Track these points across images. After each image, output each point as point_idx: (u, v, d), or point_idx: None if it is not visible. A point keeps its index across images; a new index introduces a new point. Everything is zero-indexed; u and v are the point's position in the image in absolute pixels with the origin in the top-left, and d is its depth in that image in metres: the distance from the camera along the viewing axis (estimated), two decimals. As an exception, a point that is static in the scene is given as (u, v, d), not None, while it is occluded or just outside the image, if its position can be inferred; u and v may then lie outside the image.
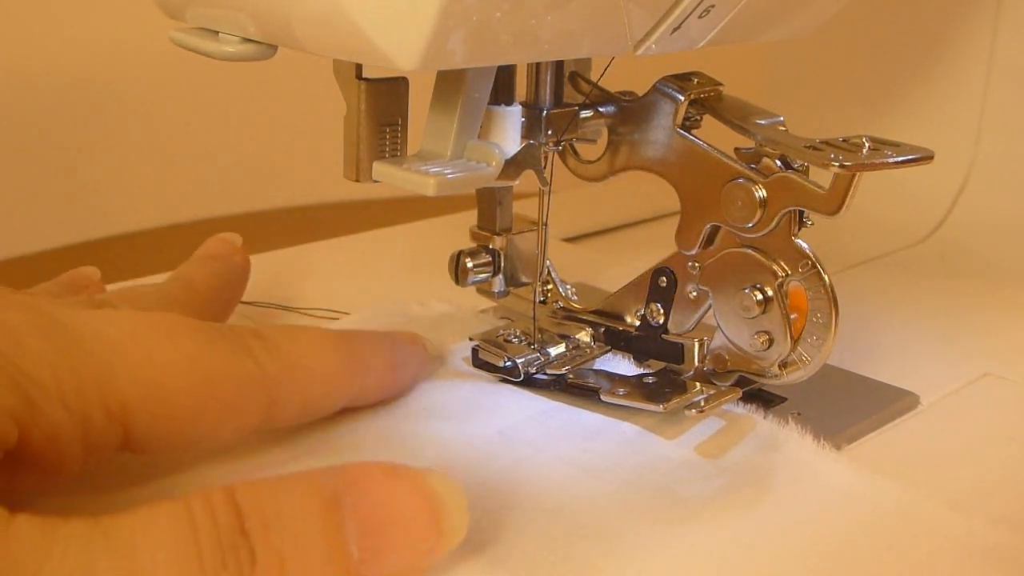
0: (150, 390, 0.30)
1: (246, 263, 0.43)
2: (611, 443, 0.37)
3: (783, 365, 0.38)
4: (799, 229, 0.38)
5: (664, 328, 0.42)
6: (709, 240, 0.40)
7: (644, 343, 0.43)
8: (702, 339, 0.41)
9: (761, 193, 0.38)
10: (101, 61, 0.80)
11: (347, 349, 0.36)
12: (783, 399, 0.41)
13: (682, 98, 0.40)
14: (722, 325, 0.40)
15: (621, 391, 0.39)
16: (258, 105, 0.87)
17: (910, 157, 0.36)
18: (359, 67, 0.36)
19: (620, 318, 0.43)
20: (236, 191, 0.89)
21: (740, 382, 0.40)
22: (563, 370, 0.41)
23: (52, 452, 0.28)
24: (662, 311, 0.42)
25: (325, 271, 0.56)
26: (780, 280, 0.38)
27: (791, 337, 0.38)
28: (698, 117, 0.41)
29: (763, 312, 0.38)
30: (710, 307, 0.41)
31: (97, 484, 0.33)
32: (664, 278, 0.42)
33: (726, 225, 0.39)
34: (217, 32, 0.35)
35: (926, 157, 0.36)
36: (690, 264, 0.41)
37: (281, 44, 0.34)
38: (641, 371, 0.42)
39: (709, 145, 0.40)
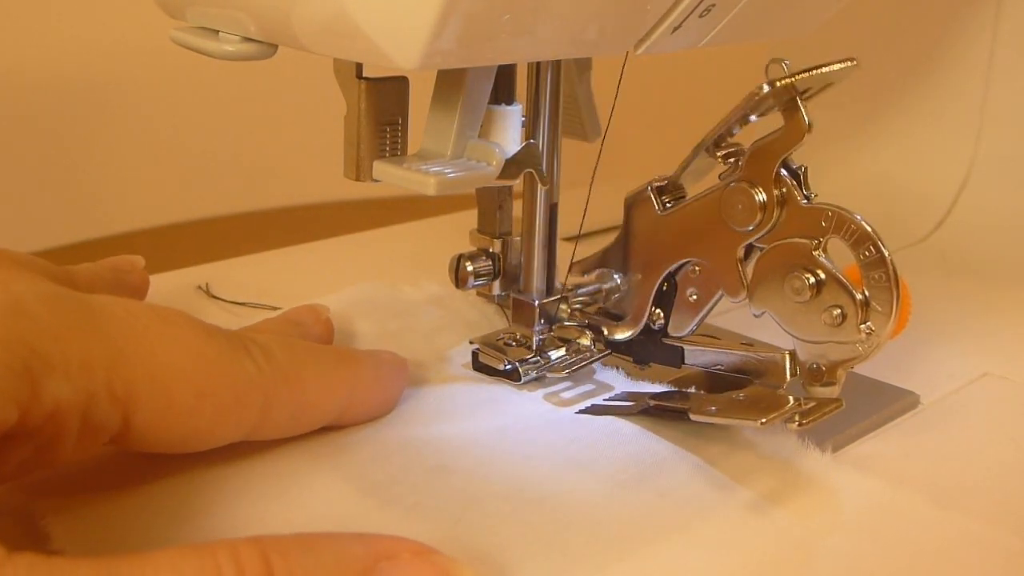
0: (156, 377, 0.30)
1: (327, 335, 0.43)
2: (609, 443, 0.37)
3: (865, 322, 0.36)
4: (806, 198, 0.37)
5: (664, 331, 0.42)
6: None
7: (644, 346, 0.43)
8: (793, 351, 0.39)
9: (761, 197, 0.38)
10: (101, 61, 0.80)
11: (337, 361, 0.36)
12: (783, 399, 0.41)
13: (648, 188, 0.41)
14: (796, 335, 0.38)
15: (712, 408, 0.37)
16: (258, 105, 0.87)
17: (834, 67, 0.37)
18: (359, 66, 0.36)
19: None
20: (236, 191, 0.89)
21: (742, 384, 0.40)
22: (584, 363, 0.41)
23: (50, 427, 0.28)
24: (662, 314, 0.42)
25: (325, 271, 0.56)
26: (815, 244, 0.37)
27: (856, 292, 0.36)
28: (672, 200, 0.41)
29: (818, 293, 0.37)
30: (711, 310, 0.41)
31: (95, 481, 0.33)
32: (664, 282, 0.42)
33: (736, 233, 0.39)
34: (217, 31, 0.35)
35: (848, 59, 0.37)
36: (691, 268, 0.41)
37: (281, 43, 0.34)
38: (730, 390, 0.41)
39: (691, 196, 0.40)
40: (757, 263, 0.39)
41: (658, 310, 0.42)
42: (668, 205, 0.41)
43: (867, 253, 0.36)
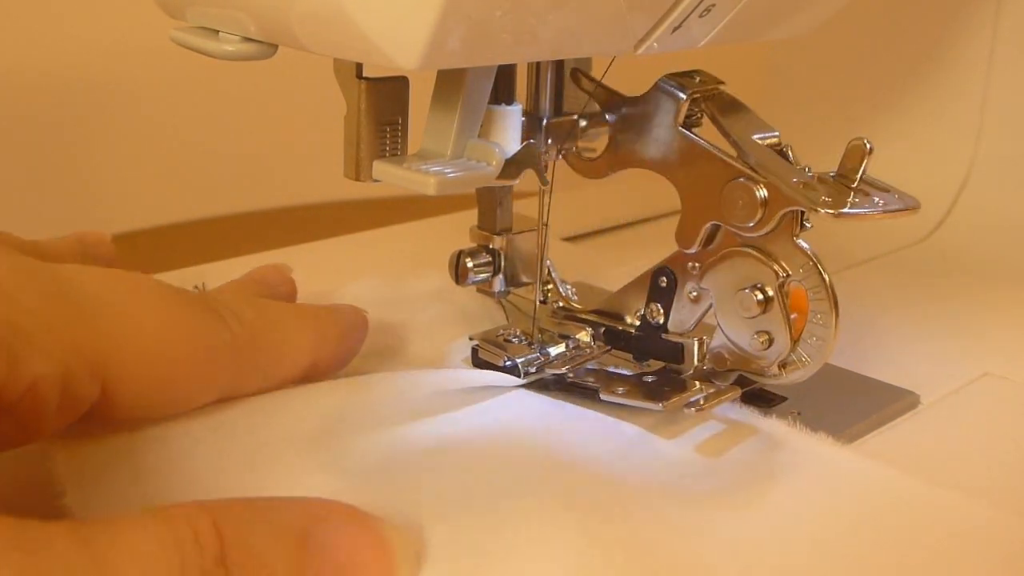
0: (131, 346, 0.30)
1: (292, 293, 0.43)
2: (611, 442, 0.37)
3: (783, 365, 0.38)
4: (800, 230, 0.38)
5: (664, 328, 0.42)
6: (709, 239, 0.40)
7: (644, 343, 0.43)
8: (702, 338, 0.41)
9: (762, 193, 0.38)
10: (101, 61, 0.80)
11: (303, 318, 0.37)
12: (783, 398, 0.41)
13: (684, 96, 0.40)
14: (722, 324, 0.40)
15: (620, 390, 0.39)
16: (258, 105, 0.87)
17: (897, 207, 0.37)
18: (359, 66, 0.36)
19: (620, 318, 0.43)
20: (236, 191, 0.89)
21: (740, 381, 0.40)
22: (563, 369, 0.41)
23: (28, 401, 0.28)
24: (662, 311, 0.42)
25: (325, 271, 0.56)
26: (780, 280, 0.38)
27: (791, 337, 0.38)
28: (699, 116, 0.41)
29: (763, 312, 0.38)
30: (710, 307, 0.41)
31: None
32: (664, 278, 0.42)
33: (727, 224, 0.39)
34: (217, 31, 0.35)
35: (912, 208, 0.37)
36: (690, 264, 0.41)
37: (281, 43, 0.34)
38: (640, 371, 0.42)
39: (710, 143, 0.40)
40: (731, 253, 0.39)
41: (658, 306, 0.42)
42: (689, 120, 0.41)
43: (820, 315, 0.37)
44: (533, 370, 0.41)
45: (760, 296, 0.38)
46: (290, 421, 0.35)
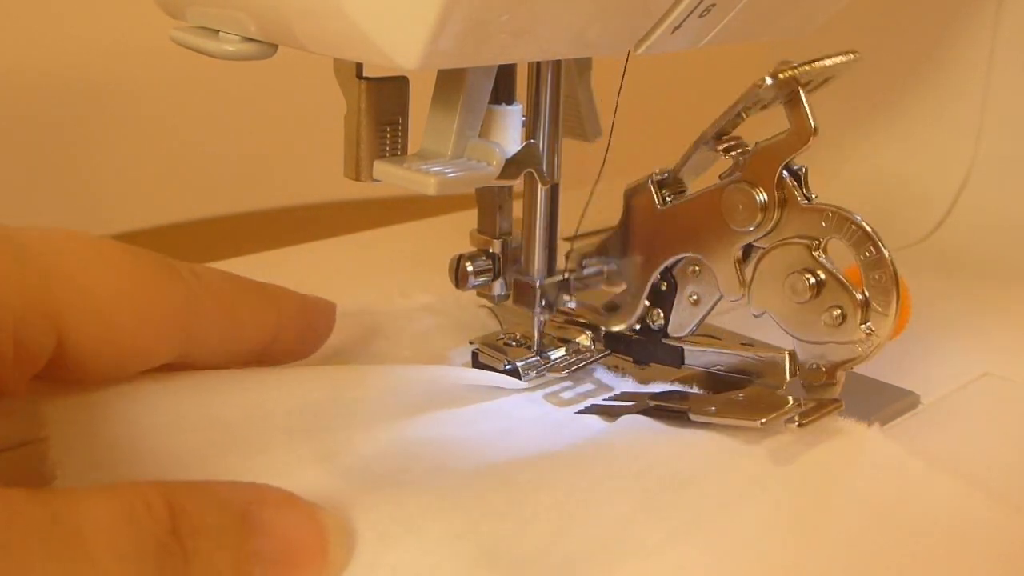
0: (86, 297, 0.31)
1: None
2: (616, 440, 0.37)
3: (868, 331, 0.36)
4: (807, 199, 0.37)
5: (664, 332, 0.42)
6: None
7: (644, 346, 0.43)
8: (792, 351, 0.39)
9: (762, 197, 0.38)
10: (101, 61, 0.80)
11: (264, 288, 0.37)
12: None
13: (648, 183, 0.41)
14: (796, 335, 0.38)
15: (712, 408, 0.37)
16: (258, 105, 0.87)
17: (837, 59, 0.37)
18: (359, 66, 0.36)
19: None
20: (236, 191, 0.89)
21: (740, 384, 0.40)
22: (563, 372, 0.41)
23: None
24: (662, 315, 0.42)
25: (325, 271, 0.56)
26: (814, 245, 0.37)
27: (856, 293, 0.36)
28: (672, 195, 0.41)
29: (816, 291, 0.37)
30: (711, 310, 0.41)
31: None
32: (664, 282, 0.42)
33: (735, 232, 0.39)
34: (217, 31, 0.35)
35: (850, 52, 0.37)
36: (691, 268, 0.41)
37: (281, 43, 0.34)
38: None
39: (690, 193, 0.40)
40: (757, 263, 0.39)
41: (658, 310, 0.42)
42: (668, 199, 0.41)
43: (867, 254, 0.36)
44: (533, 374, 0.41)
45: (809, 278, 0.37)
46: (285, 409, 0.35)
